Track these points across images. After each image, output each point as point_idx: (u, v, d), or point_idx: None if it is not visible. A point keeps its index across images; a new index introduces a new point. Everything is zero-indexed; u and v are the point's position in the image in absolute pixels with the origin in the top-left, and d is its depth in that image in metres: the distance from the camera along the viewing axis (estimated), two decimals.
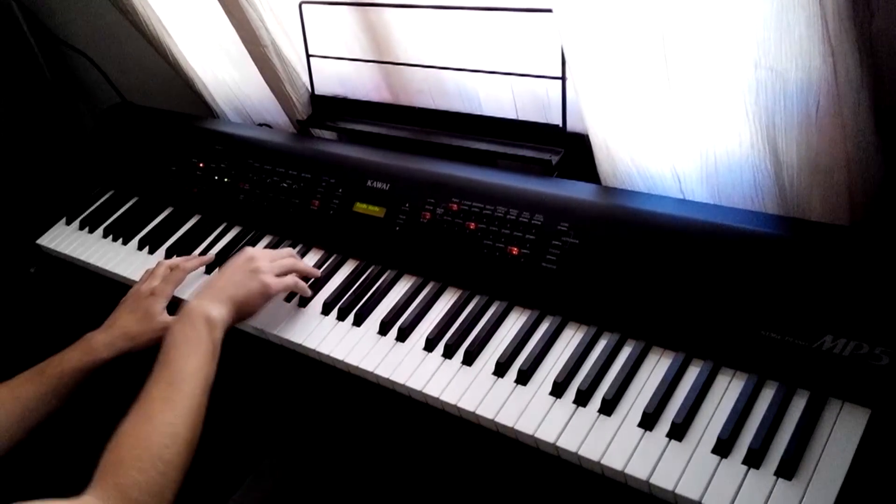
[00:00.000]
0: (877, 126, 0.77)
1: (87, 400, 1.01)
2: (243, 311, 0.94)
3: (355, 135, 1.22)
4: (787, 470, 0.69)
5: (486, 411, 0.82)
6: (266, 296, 0.96)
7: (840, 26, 0.70)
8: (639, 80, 0.86)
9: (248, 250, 1.00)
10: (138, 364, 1.02)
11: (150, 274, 1.11)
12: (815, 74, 0.75)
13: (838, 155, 0.79)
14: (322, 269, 1.06)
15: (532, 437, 0.79)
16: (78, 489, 0.71)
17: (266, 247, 1.14)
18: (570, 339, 0.87)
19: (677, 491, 0.71)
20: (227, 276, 0.96)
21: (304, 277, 1.03)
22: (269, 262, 0.98)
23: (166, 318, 1.04)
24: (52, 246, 1.30)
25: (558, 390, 0.82)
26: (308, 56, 1.22)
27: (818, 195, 0.83)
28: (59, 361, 1.00)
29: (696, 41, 0.80)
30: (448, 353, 0.90)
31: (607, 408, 0.79)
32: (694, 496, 0.70)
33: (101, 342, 1.01)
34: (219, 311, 0.91)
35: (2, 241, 1.49)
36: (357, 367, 0.92)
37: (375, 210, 1.06)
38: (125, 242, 1.24)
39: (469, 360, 0.88)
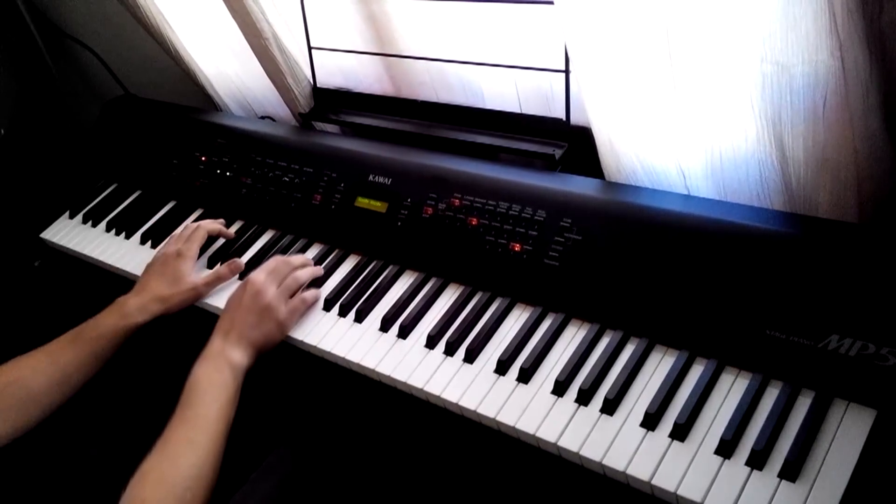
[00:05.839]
0: (885, 121, 0.75)
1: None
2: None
3: (357, 128, 1.22)
4: (791, 472, 0.68)
5: (488, 410, 0.82)
6: (284, 332, 0.96)
7: (848, 19, 0.69)
8: (643, 74, 0.84)
9: (252, 282, 0.96)
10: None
11: (174, 237, 1.13)
12: (822, 69, 0.73)
13: (846, 151, 0.77)
14: (324, 265, 1.06)
15: (533, 436, 0.78)
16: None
17: (268, 242, 1.13)
18: (572, 337, 0.86)
19: (679, 493, 0.70)
20: (241, 318, 0.93)
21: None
22: (275, 291, 0.96)
23: (196, 279, 1.06)
24: (55, 240, 1.30)
25: (560, 389, 0.81)
26: (310, 48, 1.21)
27: (825, 191, 0.81)
28: (94, 326, 1.00)
29: (700, 34, 0.79)
30: (449, 351, 0.89)
31: (609, 407, 0.78)
32: (696, 498, 0.69)
33: (135, 306, 1.02)
34: (241, 356, 0.90)
35: (6, 234, 1.49)
36: (358, 365, 0.91)
37: (377, 205, 1.05)
38: (128, 237, 1.24)
39: (470, 357, 0.87)
